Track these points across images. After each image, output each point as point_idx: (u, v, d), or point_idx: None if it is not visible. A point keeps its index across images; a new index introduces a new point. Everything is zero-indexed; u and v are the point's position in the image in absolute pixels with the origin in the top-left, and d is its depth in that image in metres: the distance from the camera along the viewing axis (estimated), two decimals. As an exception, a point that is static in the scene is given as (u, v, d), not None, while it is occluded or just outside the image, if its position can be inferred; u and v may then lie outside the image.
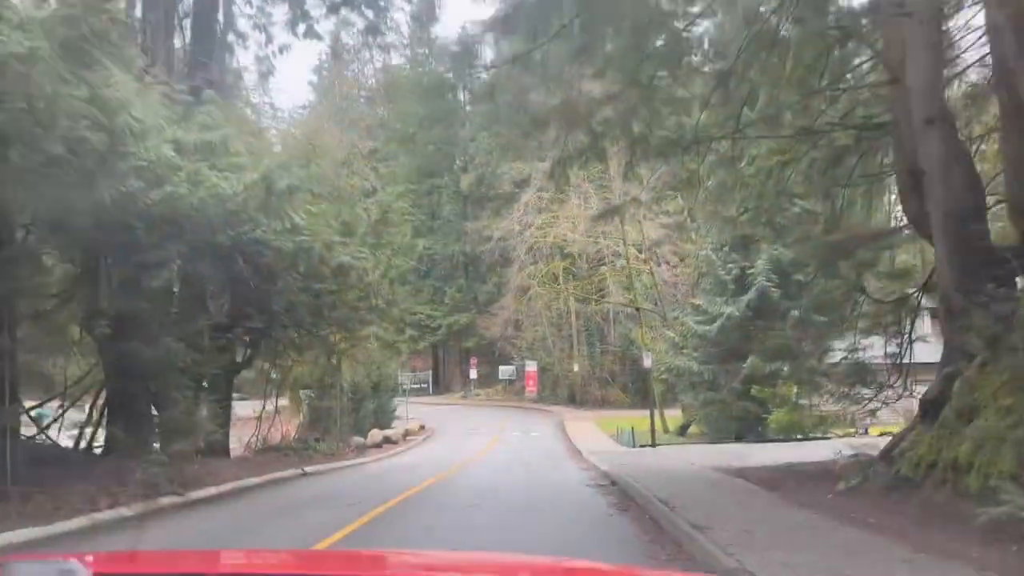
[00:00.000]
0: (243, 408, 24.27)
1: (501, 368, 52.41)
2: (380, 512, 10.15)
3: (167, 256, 11.09)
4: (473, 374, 52.70)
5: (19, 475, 9.89)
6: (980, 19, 10.84)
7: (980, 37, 11.12)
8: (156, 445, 13.67)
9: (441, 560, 2.41)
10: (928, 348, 13.81)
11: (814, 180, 16.22)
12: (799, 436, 23.63)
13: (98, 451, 13.88)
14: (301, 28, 20.87)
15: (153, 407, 13.73)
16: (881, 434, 23.35)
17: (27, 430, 12.81)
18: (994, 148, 12.64)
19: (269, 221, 12.61)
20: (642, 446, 24.47)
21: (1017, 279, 9.18)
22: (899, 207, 16.79)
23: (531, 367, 49.81)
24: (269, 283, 15.74)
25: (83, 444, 14.09)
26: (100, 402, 14.53)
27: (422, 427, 37.17)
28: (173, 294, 14.13)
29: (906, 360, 13.19)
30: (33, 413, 13.24)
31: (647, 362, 25.04)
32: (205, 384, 15.58)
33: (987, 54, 10.72)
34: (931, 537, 6.72)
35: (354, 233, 17.52)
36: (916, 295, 12.92)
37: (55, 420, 13.76)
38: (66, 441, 14.13)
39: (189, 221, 11.33)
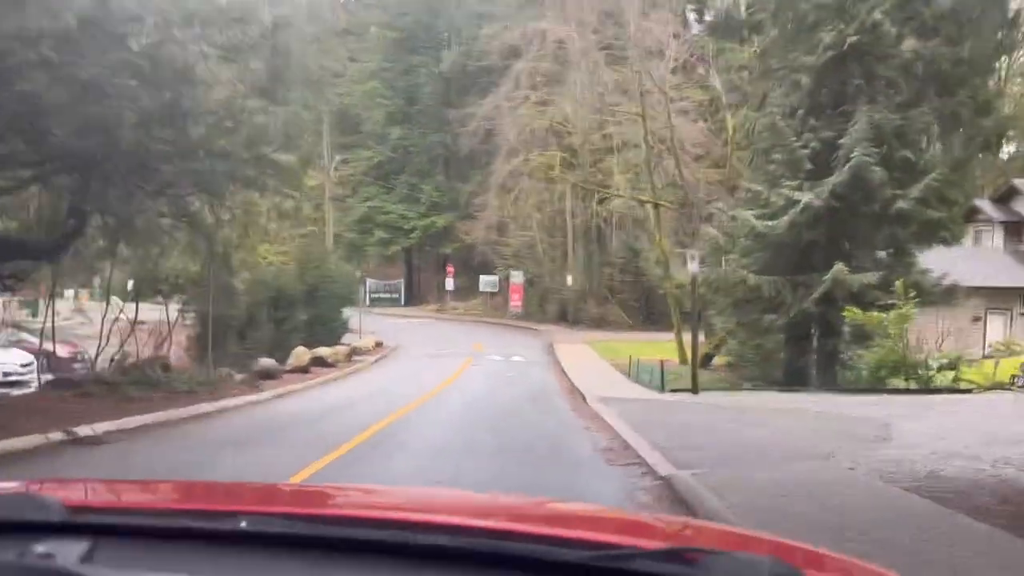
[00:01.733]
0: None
1: (482, 279, 43.84)
2: None
3: None
4: (450, 284, 44.11)
5: None
6: None
7: None
8: None
9: (412, 498, 1.95)
10: None
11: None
12: (913, 386, 15.31)
13: None
14: None
15: None
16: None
17: None
18: None
19: None
20: (674, 391, 16.09)
21: None
22: None
23: (517, 278, 41.28)
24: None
25: None
26: None
27: (378, 344, 28.78)
28: None
29: None
30: None
31: (692, 266, 16.48)
32: None
33: None
34: None
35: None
36: None
37: None
38: None
39: None
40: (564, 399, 15.34)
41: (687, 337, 26.89)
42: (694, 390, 15.28)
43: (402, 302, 49.56)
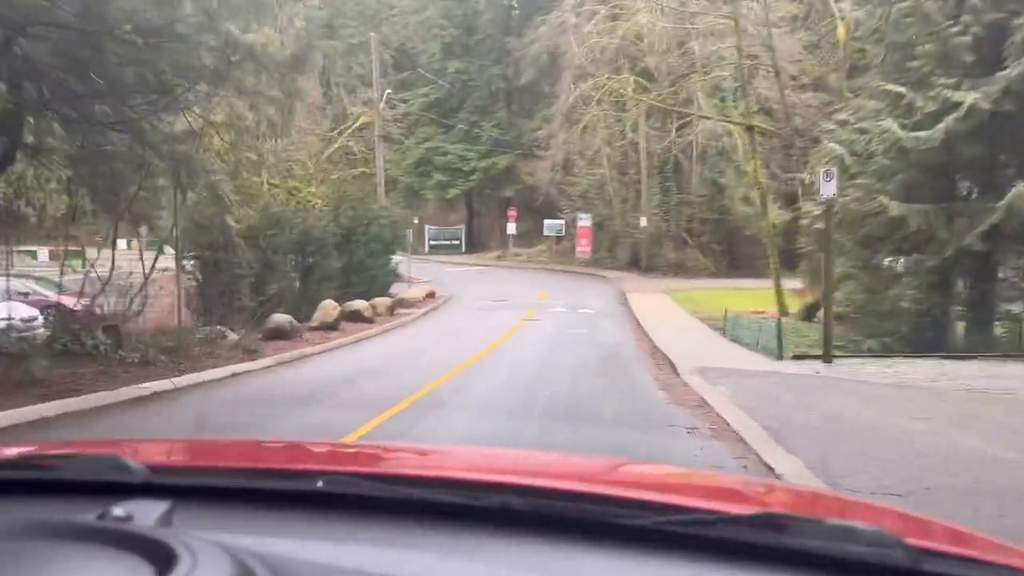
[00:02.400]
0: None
1: (547, 223, 39.77)
2: None
3: None
4: (512, 229, 40.21)
5: None
6: None
7: None
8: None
9: (480, 459, 1.85)
10: None
11: None
12: None
13: None
14: None
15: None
16: None
17: None
18: None
19: None
20: (796, 357, 11.90)
21: None
22: None
23: (584, 221, 37.12)
24: None
25: None
26: None
27: (430, 295, 25.36)
28: None
29: None
30: None
31: (828, 187, 12.05)
32: None
33: None
34: None
35: None
36: None
37: None
38: None
39: None
40: (646, 369, 11.45)
41: (789, 284, 22.63)
42: (826, 357, 11.15)
43: (463, 249, 46.07)
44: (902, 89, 14.00)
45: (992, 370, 9.90)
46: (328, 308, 17.01)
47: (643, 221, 33.64)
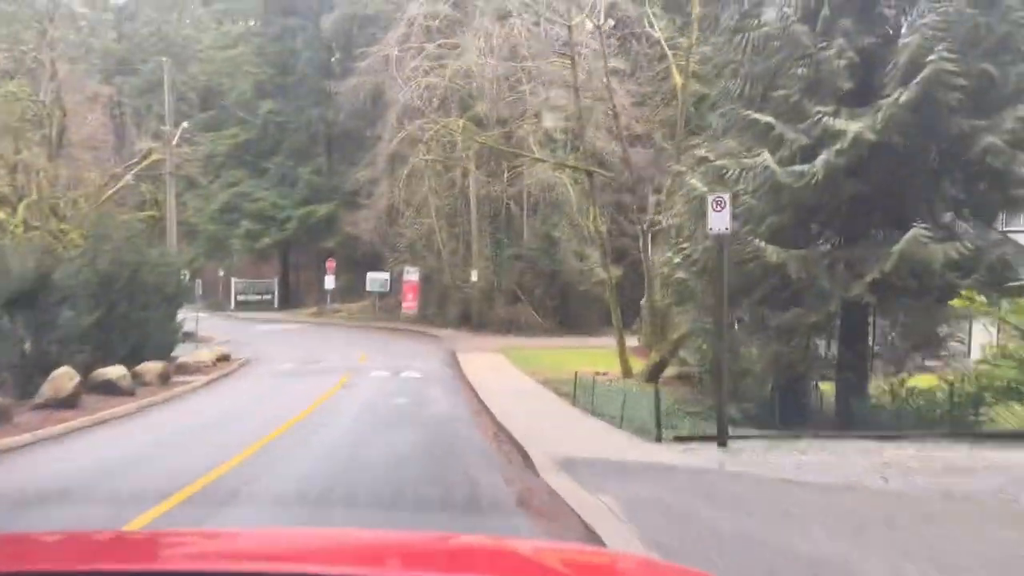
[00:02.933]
0: None
1: (370, 276, 36.09)
2: None
3: None
4: (330, 283, 36.09)
5: None
6: None
7: None
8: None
9: (291, 541, 1.69)
10: None
11: None
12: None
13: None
14: None
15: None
16: None
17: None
18: None
19: None
20: (679, 438, 8.96)
21: None
22: None
23: (411, 275, 33.83)
24: None
25: None
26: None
27: (222, 358, 20.84)
28: None
29: None
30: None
31: (718, 219, 9.29)
32: None
33: None
34: None
35: None
36: None
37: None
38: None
39: None
40: (491, 461, 8.21)
41: (630, 342, 20.47)
42: (721, 439, 8.41)
43: (275, 304, 41.29)
44: (771, 119, 12.00)
45: (940, 456, 7.56)
46: (62, 379, 12.47)
47: (474, 275, 30.85)
